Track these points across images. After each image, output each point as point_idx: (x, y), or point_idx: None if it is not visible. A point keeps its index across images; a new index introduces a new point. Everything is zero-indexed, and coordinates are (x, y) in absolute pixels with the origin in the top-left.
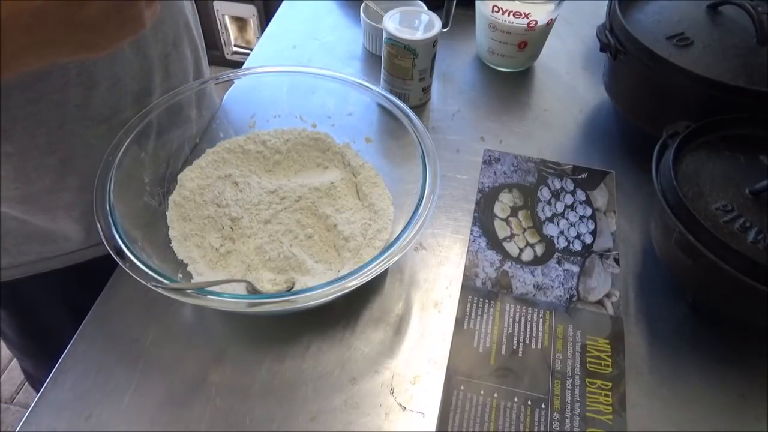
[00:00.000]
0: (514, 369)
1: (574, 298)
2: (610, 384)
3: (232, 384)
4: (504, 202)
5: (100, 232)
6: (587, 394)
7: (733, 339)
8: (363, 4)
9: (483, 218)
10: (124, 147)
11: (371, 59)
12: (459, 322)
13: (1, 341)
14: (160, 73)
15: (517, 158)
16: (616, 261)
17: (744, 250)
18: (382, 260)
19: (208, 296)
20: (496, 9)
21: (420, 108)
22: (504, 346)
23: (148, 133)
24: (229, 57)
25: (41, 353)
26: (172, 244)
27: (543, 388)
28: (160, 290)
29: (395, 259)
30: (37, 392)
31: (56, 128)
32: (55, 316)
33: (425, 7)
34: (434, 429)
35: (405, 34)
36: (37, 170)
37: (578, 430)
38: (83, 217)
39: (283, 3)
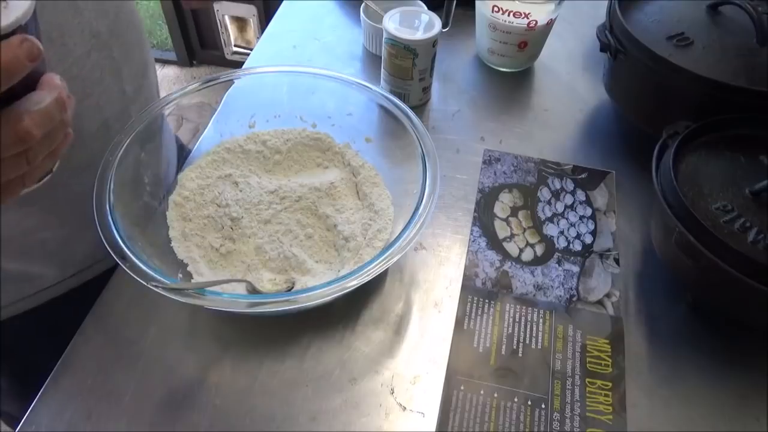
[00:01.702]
0: (514, 369)
1: (574, 298)
2: (610, 384)
3: (232, 384)
4: (504, 202)
5: (100, 232)
6: (587, 394)
7: (733, 339)
8: (363, 4)
9: (483, 218)
10: (124, 147)
11: (371, 59)
12: (459, 322)
13: None
14: (136, 107)
15: (517, 158)
16: (616, 261)
17: (744, 250)
18: (382, 260)
19: (208, 296)
20: (496, 9)
21: (420, 108)
22: (504, 346)
23: (148, 132)
24: (229, 57)
25: (27, 392)
26: (172, 244)
27: (543, 388)
28: (160, 290)
29: (395, 259)
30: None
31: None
32: (41, 353)
33: (425, 7)
34: (434, 429)
35: (405, 34)
36: (16, 219)
37: (578, 430)
38: (58, 250)
39: (283, 3)
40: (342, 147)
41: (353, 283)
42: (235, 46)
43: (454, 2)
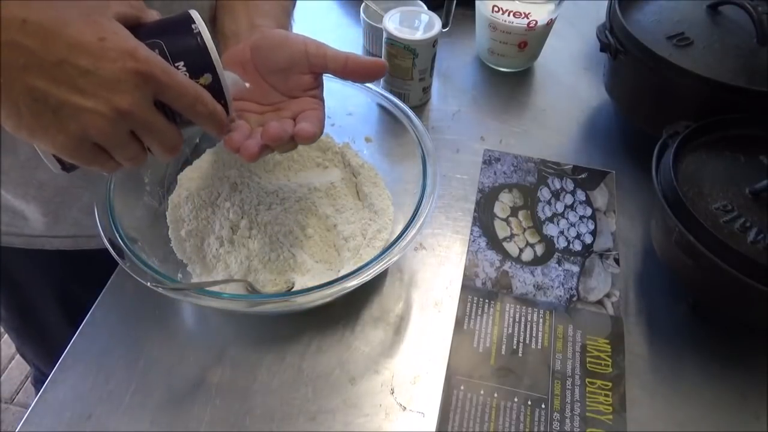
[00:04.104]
0: (514, 369)
1: (574, 298)
2: (610, 384)
3: (232, 384)
4: (504, 202)
5: (101, 232)
6: (587, 394)
7: (733, 339)
8: (363, 4)
9: (483, 218)
10: None
11: None
12: (459, 322)
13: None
14: None
15: (517, 158)
16: (616, 261)
17: (744, 250)
18: (382, 260)
19: (208, 296)
20: (496, 9)
21: (420, 108)
22: (504, 346)
23: None
24: None
25: (25, 329)
26: (172, 244)
27: (543, 388)
28: (160, 290)
29: (395, 259)
30: (28, 363)
31: None
32: (39, 296)
33: (425, 7)
34: (434, 429)
35: (405, 34)
36: (25, 151)
37: (578, 430)
38: (53, 200)
39: None
40: (342, 147)
41: (353, 283)
42: None
43: (454, 2)
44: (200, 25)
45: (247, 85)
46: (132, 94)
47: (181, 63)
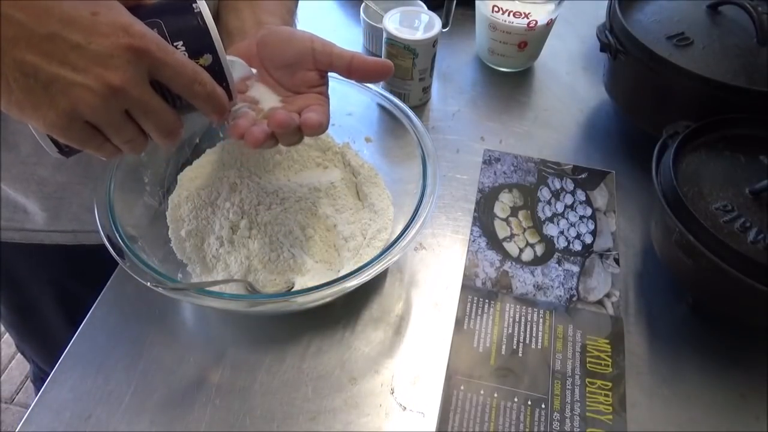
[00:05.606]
0: (514, 369)
1: (574, 298)
2: (610, 384)
3: (232, 384)
4: (504, 202)
5: (101, 231)
6: (587, 394)
7: (733, 339)
8: (363, 4)
9: (483, 218)
10: None
11: None
12: (459, 322)
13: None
14: None
15: (517, 158)
16: (616, 261)
17: (744, 250)
18: (382, 260)
19: (208, 296)
20: (496, 9)
21: (420, 108)
22: (504, 346)
23: None
24: None
25: (24, 327)
26: (172, 244)
27: (543, 388)
28: (160, 290)
29: (395, 259)
30: (27, 359)
31: None
32: (39, 293)
33: (425, 7)
34: (434, 429)
35: (405, 34)
36: (27, 147)
37: (578, 430)
38: (53, 196)
39: None
40: (342, 147)
41: (353, 283)
42: None
43: (454, 2)
44: (201, 4)
45: (254, 70)
46: (125, 70)
47: (180, 43)
